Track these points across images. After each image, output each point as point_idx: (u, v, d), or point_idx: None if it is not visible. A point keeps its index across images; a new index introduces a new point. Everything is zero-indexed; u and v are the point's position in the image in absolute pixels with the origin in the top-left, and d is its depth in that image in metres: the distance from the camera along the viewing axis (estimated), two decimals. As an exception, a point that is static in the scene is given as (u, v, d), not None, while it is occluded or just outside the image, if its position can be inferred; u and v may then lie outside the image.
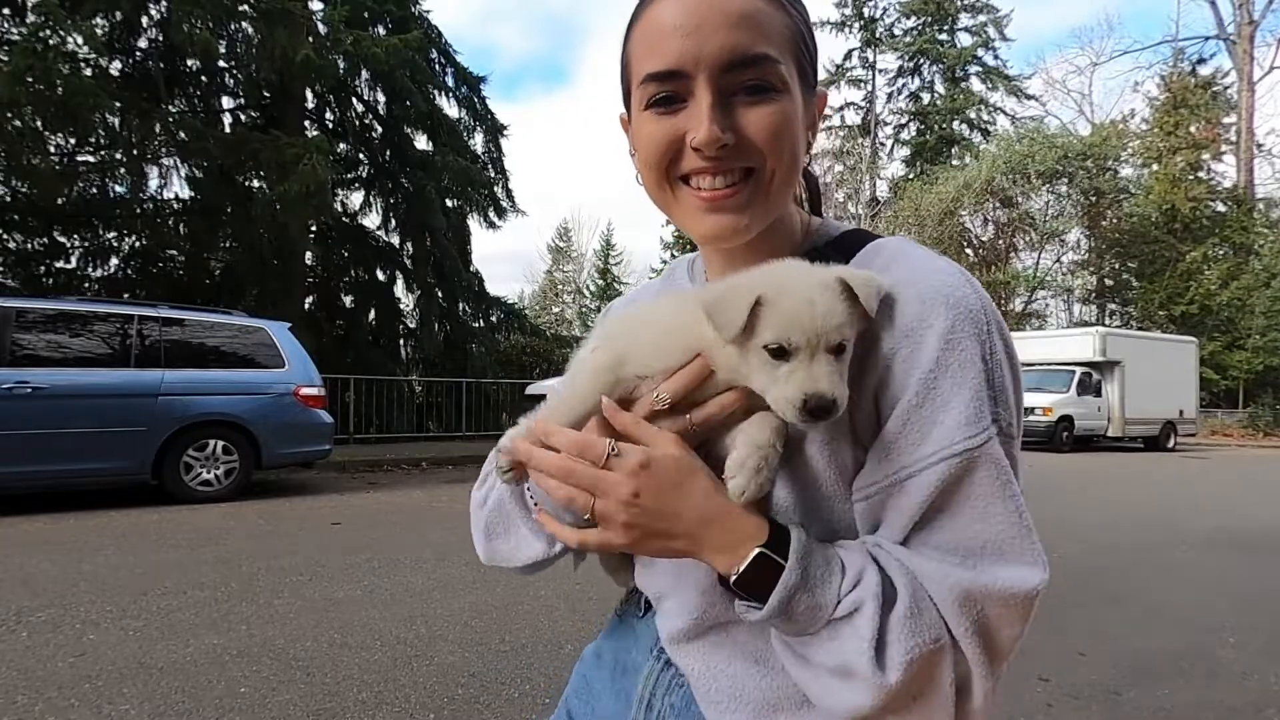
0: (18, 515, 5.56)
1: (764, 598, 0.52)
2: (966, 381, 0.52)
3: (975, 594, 0.51)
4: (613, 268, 38.50)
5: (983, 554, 0.52)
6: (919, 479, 0.52)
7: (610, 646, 0.77)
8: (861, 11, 33.52)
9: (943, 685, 0.51)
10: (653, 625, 0.71)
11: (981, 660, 0.52)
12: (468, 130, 14.85)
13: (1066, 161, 25.19)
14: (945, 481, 0.52)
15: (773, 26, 0.58)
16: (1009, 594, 0.51)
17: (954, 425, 0.52)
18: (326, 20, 11.30)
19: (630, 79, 0.62)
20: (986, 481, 0.52)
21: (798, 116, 0.59)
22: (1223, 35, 28.88)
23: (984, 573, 0.51)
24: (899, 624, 0.50)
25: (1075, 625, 3.62)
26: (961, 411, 0.52)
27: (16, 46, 8.36)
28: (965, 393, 0.52)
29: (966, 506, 0.52)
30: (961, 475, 0.52)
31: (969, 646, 0.51)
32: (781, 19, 0.59)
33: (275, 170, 10.21)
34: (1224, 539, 6.00)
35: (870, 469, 0.55)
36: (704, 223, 0.60)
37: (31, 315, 6.09)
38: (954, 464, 0.51)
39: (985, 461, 0.52)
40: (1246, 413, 24.00)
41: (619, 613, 0.79)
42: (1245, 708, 2.73)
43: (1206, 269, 25.39)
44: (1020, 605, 0.51)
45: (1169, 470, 12.40)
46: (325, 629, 3.26)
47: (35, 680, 2.67)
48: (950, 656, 0.51)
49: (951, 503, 0.52)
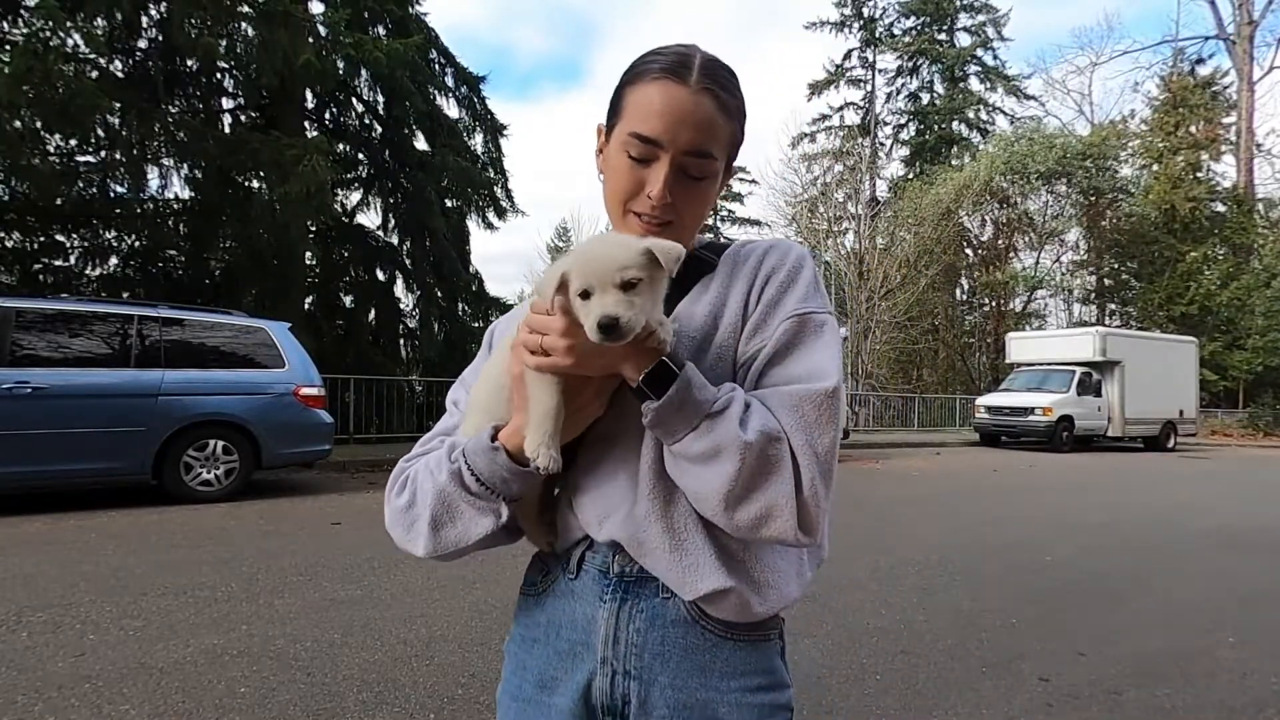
0: (18, 515, 5.56)
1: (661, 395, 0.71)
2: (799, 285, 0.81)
3: (796, 396, 0.73)
4: (612, 268, 38.45)
5: (805, 379, 0.75)
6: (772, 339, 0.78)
7: (540, 620, 0.86)
8: (861, 11, 33.52)
9: (784, 465, 0.70)
10: (590, 578, 0.81)
11: (807, 449, 0.71)
12: (467, 130, 14.84)
13: (1065, 161, 25.19)
14: (786, 334, 0.78)
15: (721, 133, 0.82)
16: (817, 392, 0.73)
17: (791, 304, 0.79)
18: (327, 22, 11.29)
19: (619, 117, 0.83)
20: (809, 335, 0.78)
21: (713, 193, 0.85)
22: (1222, 35, 28.91)
23: (803, 386, 0.74)
24: (755, 413, 0.72)
25: (1075, 625, 3.62)
26: (796, 298, 0.80)
27: (16, 47, 8.36)
28: (799, 290, 0.80)
29: (797, 351, 0.77)
30: (795, 330, 0.78)
31: (796, 436, 0.72)
32: (728, 128, 0.83)
33: (275, 170, 10.20)
34: (1224, 539, 6.00)
35: (743, 345, 0.80)
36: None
37: (31, 315, 6.08)
38: (790, 322, 0.78)
39: (809, 322, 0.78)
40: (1246, 413, 24.03)
41: (536, 590, 0.88)
42: (1245, 708, 2.74)
43: (1206, 269, 25.39)
44: (826, 401, 0.73)
45: (1169, 470, 12.40)
46: (325, 629, 3.26)
47: (35, 680, 2.67)
48: (787, 445, 0.71)
49: (787, 350, 0.78)
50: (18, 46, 8.35)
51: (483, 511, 0.79)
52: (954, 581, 4.40)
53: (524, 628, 0.87)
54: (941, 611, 3.71)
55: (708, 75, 0.80)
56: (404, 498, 0.84)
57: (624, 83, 0.84)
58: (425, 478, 0.82)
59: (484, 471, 0.77)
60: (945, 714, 2.59)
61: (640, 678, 0.77)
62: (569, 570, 0.83)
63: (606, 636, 0.79)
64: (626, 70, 0.84)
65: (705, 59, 0.81)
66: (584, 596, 0.81)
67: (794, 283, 0.80)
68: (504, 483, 0.77)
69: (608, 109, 0.86)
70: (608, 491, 0.80)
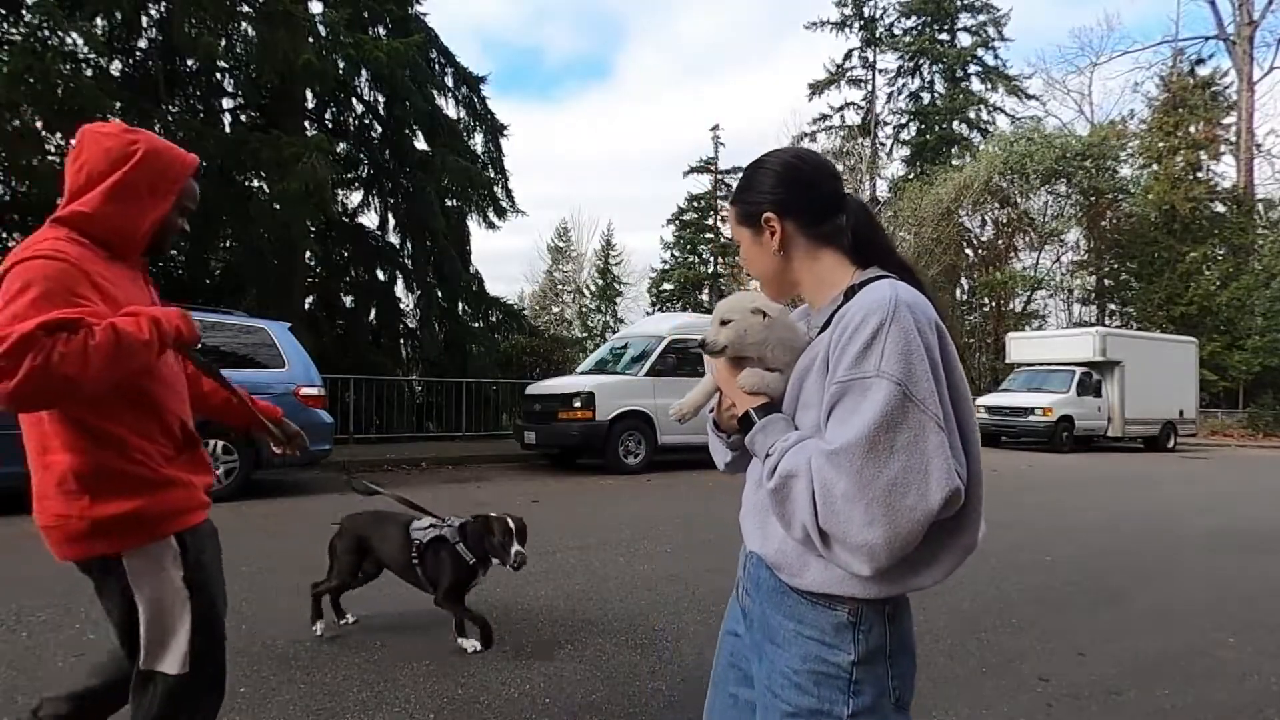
0: (18, 515, 5.56)
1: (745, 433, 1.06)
2: (852, 348, 0.94)
3: (820, 451, 0.93)
4: (613, 267, 38.47)
5: (830, 439, 0.93)
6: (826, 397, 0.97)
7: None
8: (861, 11, 33.48)
9: (799, 499, 0.94)
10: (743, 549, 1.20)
11: (821, 489, 0.91)
12: (467, 130, 14.85)
13: (1065, 161, 25.17)
14: (832, 398, 0.95)
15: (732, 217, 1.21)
16: (828, 452, 0.91)
17: (841, 370, 0.94)
18: (327, 22, 11.29)
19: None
20: (846, 399, 0.93)
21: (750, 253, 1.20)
22: (1222, 35, 28.88)
23: (824, 445, 0.93)
24: (789, 460, 0.96)
25: (1075, 625, 3.62)
26: (845, 365, 0.94)
27: (16, 46, 8.36)
28: (851, 353, 0.93)
29: (836, 412, 0.94)
30: (836, 395, 0.94)
31: (816, 479, 0.92)
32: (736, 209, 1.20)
33: (275, 169, 10.21)
34: (1224, 539, 6.00)
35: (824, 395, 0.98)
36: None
37: (31, 315, 6.08)
38: (835, 388, 0.94)
39: (852, 389, 0.92)
40: (1246, 413, 24.00)
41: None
42: (1245, 708, 2.74)
43: (1206, 269, 25.35)
44: (822, 456, 0.92)
45: (1169, 470, 12.41)
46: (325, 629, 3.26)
47: (35, 680, 2.67)
48: (806, 483, 0.93)
49: (831, 411, 0.95)
50: (16, 45, 8.35)
51: (718, 448, 1.24)
52: (954, 581, 4.39)
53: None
54: (941, 612, 3.71)
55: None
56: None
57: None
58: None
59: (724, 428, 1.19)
60: (945, 714, 2.59)
61: (751, 597, 1.14)
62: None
63: (742, 564, 1.20)
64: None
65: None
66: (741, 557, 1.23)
67: (849, 346, 0.94)
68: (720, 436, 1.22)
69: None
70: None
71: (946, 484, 0.87)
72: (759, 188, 1.14)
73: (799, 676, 1.00)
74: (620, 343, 12.09)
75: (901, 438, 0.88)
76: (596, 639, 3.23)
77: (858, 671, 0.99)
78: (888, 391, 0.89)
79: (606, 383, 9.93)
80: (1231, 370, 23.92)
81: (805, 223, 1.11)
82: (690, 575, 4.26)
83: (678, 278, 36.15)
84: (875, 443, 0.88)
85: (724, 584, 3.96)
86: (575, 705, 2.60)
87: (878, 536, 0.87)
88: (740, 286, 33.39)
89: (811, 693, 0.99)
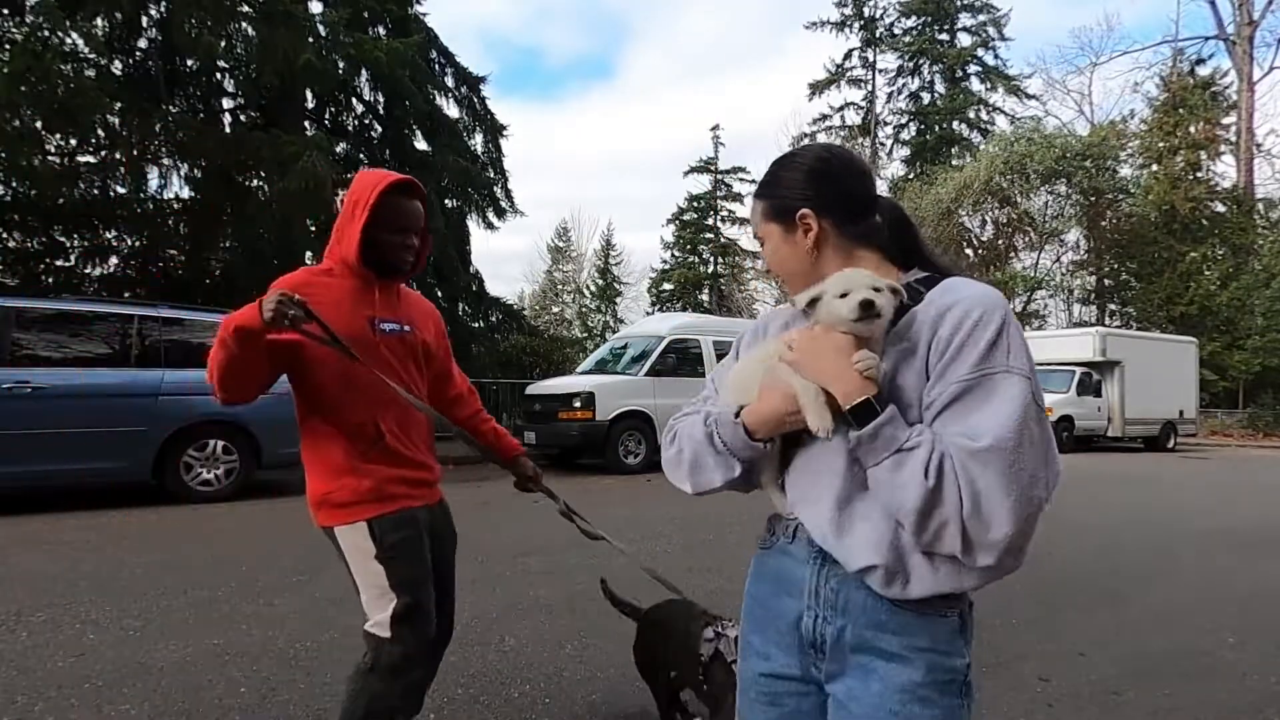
0: (18, 515, 5.56)
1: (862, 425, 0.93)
2: (975, 348, 0.92)
3: (965, 448, 0.88)
4: (613, 267, 38.46)
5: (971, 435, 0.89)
6: (946, 393, 0.93)
7: (769, 572, 1.13)
8: (861, 11, 33.48)
9: (952, 502, 0.88)
10: (802, 543, 1.07)
11: (969, 490, 0.88)
12: (467, 130, 14.85)
13: (1065, 161, 25.16)
14: (954, 394, 0.92)
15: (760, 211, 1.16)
16: (972, 450, 0.88)
17: (965, 368, 0.92)
18: (327, 22, 11.29)
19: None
20: (979, 396, 0.91)
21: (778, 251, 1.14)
22: (1222, 36, 28.87)
23: (967, 442, 0.89)
24: (935, 457, 0.89)
25: (1075, 625, 3.62)
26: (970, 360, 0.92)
27: (16, 46, 8.36)
28: (973, 352, 0.92)
29: (961, 409, 0.91)
30: (963, 391, 0.92)
31: (962, 479, 0.88)
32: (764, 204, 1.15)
33: (275, 169, 10.21)
34: (1224, 539, 6.00)
35: (928, 390, 0.95)
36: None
37: (31, 315, 6.09)
38: (957, 385, 0.92)
39: (982, 384, 0.91)
40: (1246, 413, 23.98)
41: (766, 546, 1.15)
42: (1245, 708, 2.73)
43: (1206, 269, 25.33)
44: (976, 455, 0.88)
45: (1169, 470, 12.40)
46: (325, 629, 3.26)
47: (35, 680, 2.66)
48: (955, 487, 0.88)
49: (959, 405, 0.92)
50: (16, 45, 8.34)
51: (721, 466, 1.08)
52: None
53: (758, 571, 1.16)
54: (941, 611, 3.70)
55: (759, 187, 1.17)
56: (673, 449, 1.14)
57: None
58: (686, 435, 1.12)
59: (728, 437, 1.06)
60: (945, 714, 2.58)
61: (832, 624, 1.02)
62: (787, 535, 1.10)
63: (810, 590, 1.05)
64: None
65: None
66: (796, 556, 1.08)
67: (973, 341, 0.93)
68: (741, 448, 1.05)
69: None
70: (803, 484, 1.06)
71: (1058, 476, 0.92)
72: (791, 184, 1.11)
73: (924, 689, 0.98)
74: (620, 343, 12.10)
75: (1037, 432, 0.90)
76: (596, 639, 3.22)
77: (969, 672, 1.01)
78: (1022, 387, 0.90)
79: (606, 383, 9.93)
80: (1231, 370, 23.91)
81: (841, 220, 1.08)
82: (690, 575, 4.26)
83: (678, 278, 36.13)
84: (1020, 438, 0.88)
85: (724, 584, 3.97)
86: (575, 705, 2.60)
87: (1014, 530, 0.87)
88: (740, 287, 33.40)
89: (937, 703, 0.99)
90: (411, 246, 1.84)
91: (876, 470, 0.93)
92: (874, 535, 0.97)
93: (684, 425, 1.14)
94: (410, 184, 1.82)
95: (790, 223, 1.10)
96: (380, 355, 1.78)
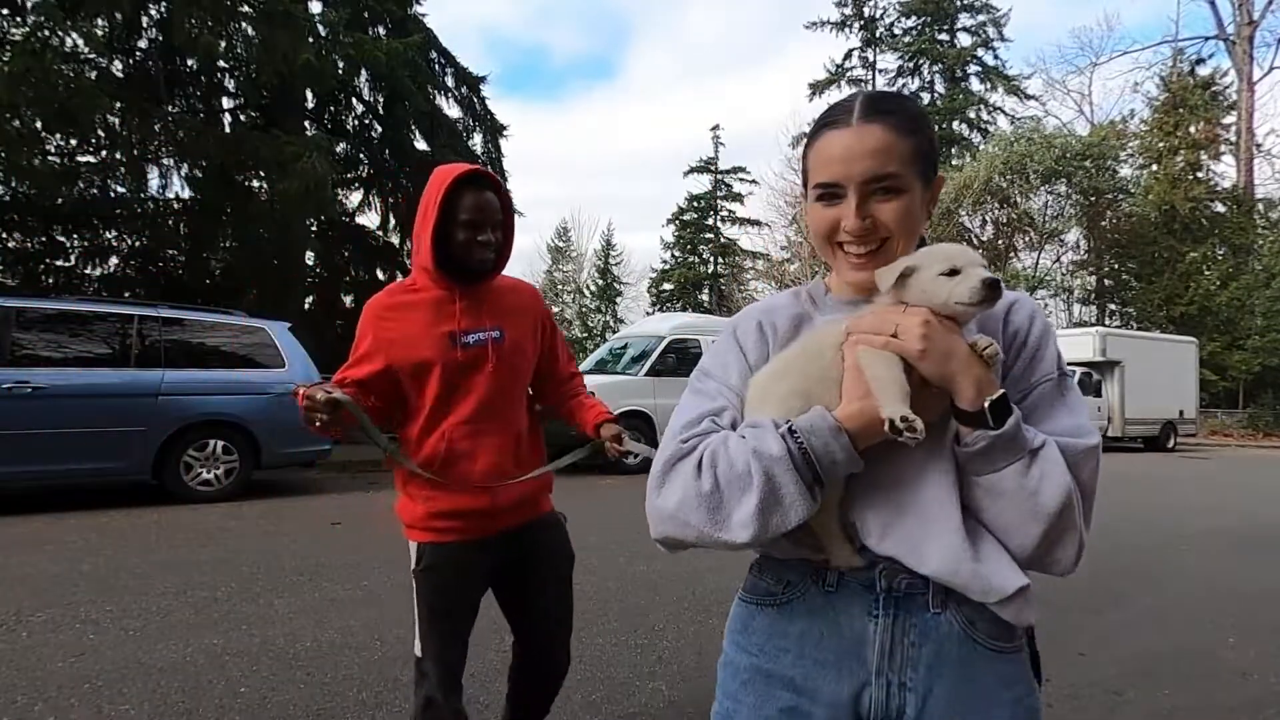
0: (18, 515, 5.57)
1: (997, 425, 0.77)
2: (1049, 346, 0.89)
3: (1077, 450, 0.81)
4: (613, 267, 38.45)
5: (1076, 433, 0.82)
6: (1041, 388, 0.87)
7: (792, 631, 0.87)
8: (861, 11, 33.49)
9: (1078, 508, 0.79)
10: (852, 591, 0.84)
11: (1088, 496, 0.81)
12: (467, 130, 14.84)
13: (1065, 161, 25.17)
14: (1047, 389, 0.86)
15: (899, 149, 0.86)
16: (1092, 447, 0.82)
17: (1047, 366, 0.88)
18: (326, 22, 11.29)
19: (807, 176, 0.93)
20: (1069, 393, 0.87)
21: (916, 204, 0.88)
22: (1222, 35, 28.88)
23: (1078, 441, 0.81)
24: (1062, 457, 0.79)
25: (1075, 625, 3.62)
26: (1050, 360, 0.88)
27: (16, 47, 8.36)
28: (1050, 351, 0.89)
29: (1060, 405, 0.86)
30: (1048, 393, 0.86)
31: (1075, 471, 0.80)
32: (906, 144, 0.86)
33: (275, 169, 10.20)
34: (1224, 539, 6.00)
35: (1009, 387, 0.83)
36: (850, 276, 0.92)
37: (31, 315, 6.09)
38: (1047, 384, 0.87)
39: (1060, 386, 0.87)
40: (1246, 413, 23.98)
41: (777, 601, 0.89)
42: (1245, 708, 2.73)
43: (1206, 269, 25.32)
44: (1089, 453, 0.81)
45: (1169, 470, 12.40)
46: (325, 629, 3.26)
47: (35, 680, 2.66)
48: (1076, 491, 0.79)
49: (1050, 405, 0.85)
50: (16, 45, 8.35)
51: (804, 497, 0.78)
52: (954, 581, 4.39)
53: (764, 638, 0.89)
54: (941, 611, 3.70)
55: (869, 108, 0.87)
56: (706, 481, 0.81)
57: (805, 147, 0.95)
58: (742, 460, 0.79)
59: (820, 451, 0.77)
60: (945, 714, 2.59)
61: (916, 689, 0.81)
62: (827, 583, 0.86)
63: (881, 649, 0.82)
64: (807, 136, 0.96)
65: (866, 96, 0.89)
66: (847, 610, 0.84)
67: (1046, 343, 0.89)
68: (833, 465, 0.78)
69: (800, 178, 1.02)
70: (890, 506, 0.83)
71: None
72: (933, 137, 0.92)
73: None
74: (620, 343, 12.10)
75: None
76: (596, 639, 3.23)
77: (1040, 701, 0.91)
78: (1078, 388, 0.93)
79: (606, 383, 9.92)
80: (1231, 370, 23.91)
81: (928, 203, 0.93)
82: (690, 575, 4.26)
83: (678, 278, 36.15)
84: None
85: (724, 584, 3.96)
86: (575, 705, 2.59)
87: (1084, 535, 0.81)
88: (740, 288, 33.32)
89: None
90: (488, 243, 1.70)
91: (1000, 476, 0.77)
92: (1004, 553, 0.80)
93: (717, 449, 0.82)
94: (481, 174, 1.69)
95: (930, 179, 0.90)
96: (465, 370, 1.68)
